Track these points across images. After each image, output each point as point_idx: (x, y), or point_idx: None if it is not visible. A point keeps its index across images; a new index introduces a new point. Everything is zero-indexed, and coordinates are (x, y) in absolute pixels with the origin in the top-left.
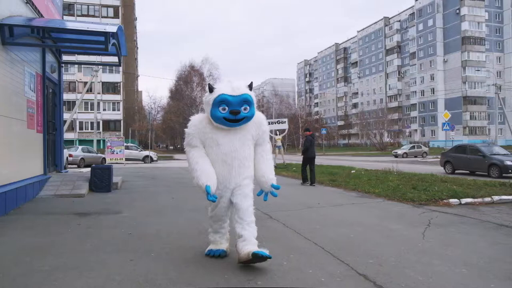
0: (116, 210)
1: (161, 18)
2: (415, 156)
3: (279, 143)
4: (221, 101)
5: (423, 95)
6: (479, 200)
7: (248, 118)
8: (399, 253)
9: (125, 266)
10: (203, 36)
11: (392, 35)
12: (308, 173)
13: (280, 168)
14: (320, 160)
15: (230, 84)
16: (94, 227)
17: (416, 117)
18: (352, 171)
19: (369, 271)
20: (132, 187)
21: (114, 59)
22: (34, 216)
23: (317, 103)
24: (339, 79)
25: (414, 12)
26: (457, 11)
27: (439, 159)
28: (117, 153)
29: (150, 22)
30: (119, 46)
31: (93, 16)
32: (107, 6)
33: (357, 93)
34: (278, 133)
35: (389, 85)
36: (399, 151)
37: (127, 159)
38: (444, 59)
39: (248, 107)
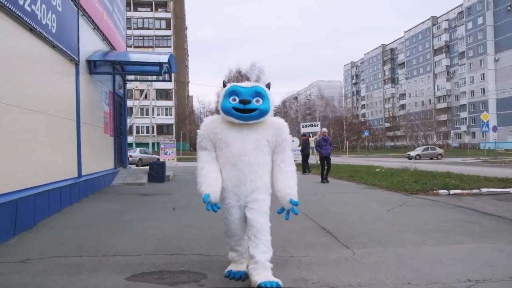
0: (168, 193)
1: (214, 25)
2: (431, 158)
3: (312, 144)
4: (231, 91)
5: (473, 96)
6: (467, 191)
7: (260, 111)
8: (358, 219)
9: (173, 219)
10: (253, 41)
11: (440, 34)
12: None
13: (312, 167)
14: (353, 160)
15: (244, 82)
16: (153, 201)
17: (465, 118)
18: (377, 170)
19: (328, 226)
20: (181, 180)
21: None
22: (112, 195)
23: (364, 105)
24: (386, 80)
25: (463, 11)
26: (509, 8)
27: (478, 161)
28: (169, 154)
29: (203, 29)
30: (170, 67)
31: (148, 28)
32: (160, 19)
33: (404, 94)
34: (311, 135)
35: (438, 85)
36: (412, 153)
37: None
38: (495, 58)
39: (260, 100)
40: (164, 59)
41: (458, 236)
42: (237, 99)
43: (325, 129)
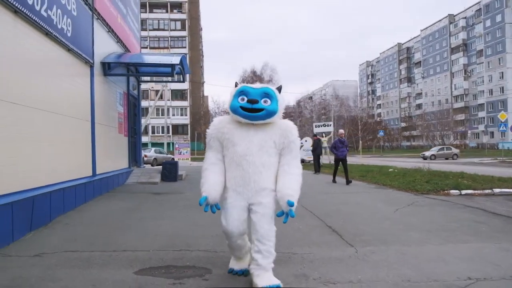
0: (180, 192)
1: (227, 26)
2: (446, 158)
3: (325, 144)
4: (241, 91)
5: (492, 95)
6: (479, 191)
7: (267, 112)
8: (365, 218)
9: (184, 217)
10: (267, 41)
11: (457, 32)
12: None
13: (325, 167)
14: (367, 160)
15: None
16: (165, 200)
17: (484, 118)
18: (390, 170)
19: (334, 225)
20: (193, 179)
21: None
22: (126, 194)
23: (379, 104)
24: (402, 79)
25: (481, 8)
26: None
27: (495, 161)
28: (184, 153)
29: (217, 30)
30: (183, 68)
31: (163, 29)
32: (175, 20)
33: (421, 93)
34: (323, 135)
35: (455, 84)
36: (427, 153)
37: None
38: None
39: (268, 100)
40: (176, 60)
41: (463, 235)
42: (246, 99)
43: (341, 131)
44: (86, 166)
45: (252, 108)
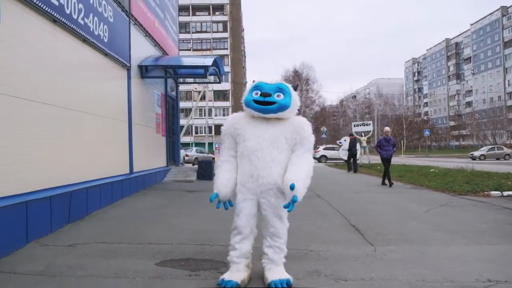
0: (213, 190)
1: (271, 25)
2: (497, 159)
3: (364, 144)
4: (256, 86)
5: None
6: None
7: (279, 105)
8: (393, 218)
9: (210, 214)
10: (309, 40)
11: (510, 25)
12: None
13: (364, 167)
14: (411, 160)
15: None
16: (198, 197)
17: None
18: (431, 170)
19: (359, 224)
20: None
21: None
22: (162, 191)
23: (426, 102)
24: (451, 76)
25: None
26: None
27: None
28: None
29: (261, 30)
30: (218, 69)
31: (205, 32)
32: (217, 22)
33: (471, 91)
34: (363, 134)
35: (508, 80)
36: (476, 153)
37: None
38: None
39: (282, 95)
40: (208, 62)
41: (492, 237)
42: (259, 93)
43: (387, 128)
44: (123, 164)
45: (264, 101)
